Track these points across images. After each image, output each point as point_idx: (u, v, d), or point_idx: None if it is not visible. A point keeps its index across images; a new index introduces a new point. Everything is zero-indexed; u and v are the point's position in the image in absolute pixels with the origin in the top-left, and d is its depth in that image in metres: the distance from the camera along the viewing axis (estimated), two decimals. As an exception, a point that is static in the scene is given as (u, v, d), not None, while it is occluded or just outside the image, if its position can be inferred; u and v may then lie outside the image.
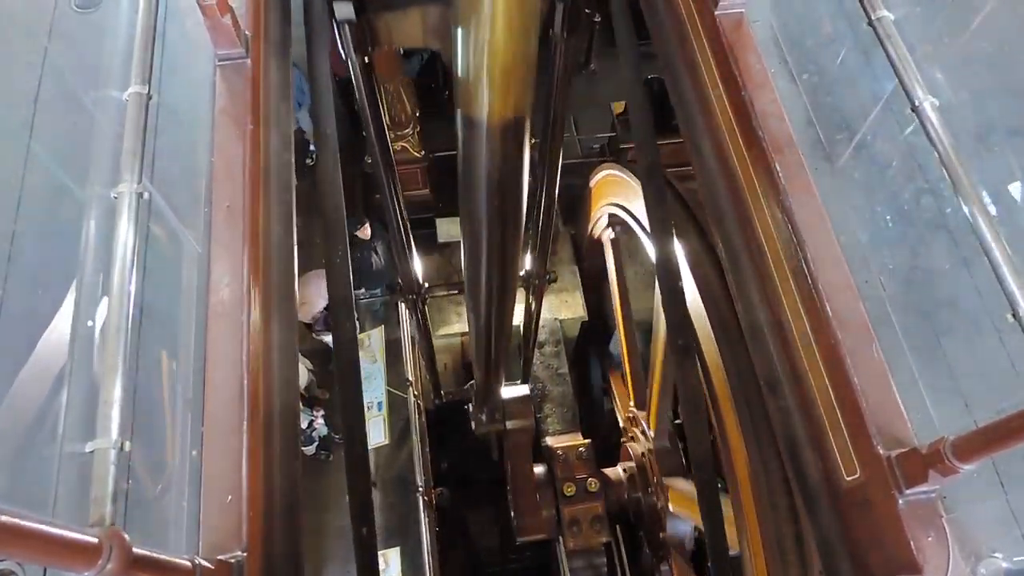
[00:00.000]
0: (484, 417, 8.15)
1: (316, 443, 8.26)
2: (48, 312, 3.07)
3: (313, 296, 8.29)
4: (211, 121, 3.46)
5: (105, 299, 2.65)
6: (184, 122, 3.51)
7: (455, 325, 10.46)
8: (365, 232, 8.83)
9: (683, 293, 3.98)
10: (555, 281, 7.83)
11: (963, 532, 2.76)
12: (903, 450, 2.77)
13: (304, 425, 7.98)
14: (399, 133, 9.77)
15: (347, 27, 4.14)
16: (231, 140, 3.41)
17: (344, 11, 3.96)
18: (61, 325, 2.96)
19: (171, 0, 3.60)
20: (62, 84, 3.62)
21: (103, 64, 3.58)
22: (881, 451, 2.84)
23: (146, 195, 2.73)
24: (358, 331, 9.87)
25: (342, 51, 4.36)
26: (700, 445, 3.88)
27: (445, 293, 9.40)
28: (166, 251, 3.29)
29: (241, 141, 3.41)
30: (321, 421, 8.23)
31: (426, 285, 7.47)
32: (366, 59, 4.57)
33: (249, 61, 3.58)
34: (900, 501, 2.76)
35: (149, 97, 2.84)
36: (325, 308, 8.57)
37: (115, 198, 2.66)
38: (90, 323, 2.95)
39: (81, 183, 3.32)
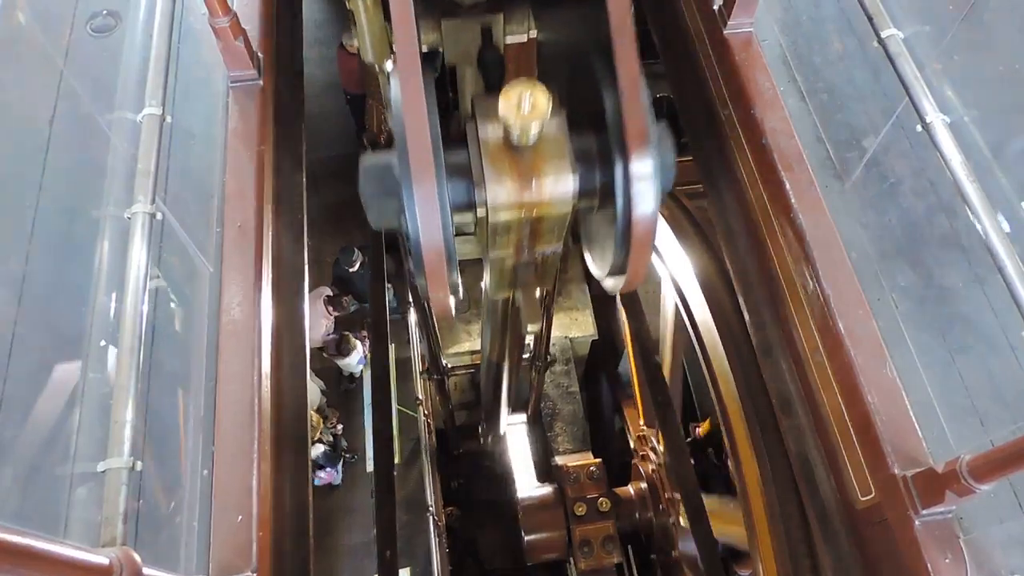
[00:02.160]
0: (491, 438, 8.17)
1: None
2: (61, 332, 3.09)
3: (312, 319, 8.34)
4: (223, 142, 3.49)
5: (117, 319, 2.67)
6: (197, 143, 3.54)
7: (465, 344, 10.46)
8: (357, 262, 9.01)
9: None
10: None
11: (981, 554, 2.72)
12: (918, 470, 2.74)
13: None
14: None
15: None
16: (243, 161, 3.44)
17: None
18: (74, 345, 2.98)
19: (185, 23, 3.64)
20: (77, 106, 3.67)
21: (118, 86, 3.63)
22: (896, 471, 2.81)
23: (159, 216, 2.76)
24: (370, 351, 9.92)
25: None
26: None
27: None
28: (178, 271, 3.31)
29: (253, 162, 3.44)
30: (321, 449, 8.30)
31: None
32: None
33: (262, 83, 3.62)
34: (916, 522, 2.73)
35: (163, 119, 2.88)
36: (331, 332, 8.62)
37: (128, 219, 2.68)
38: (103, 343, 2.96)
39: (95, 204, 3.36)
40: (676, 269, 5.79)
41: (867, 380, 2.98)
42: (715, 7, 3.82)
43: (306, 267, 3.79)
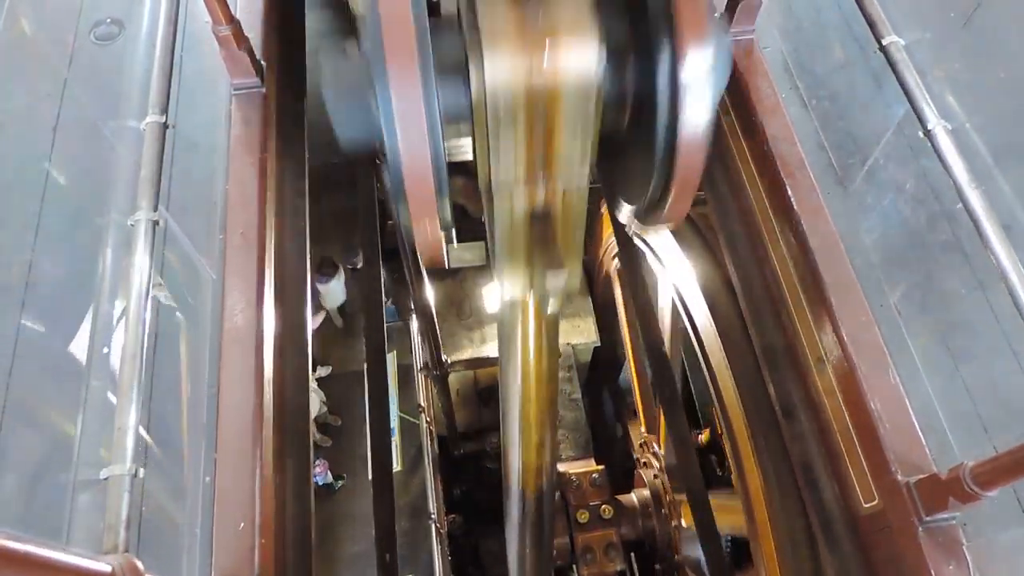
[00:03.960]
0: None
1: None
2: (65, 338, 3.09)
3: None
4: (226, 149, 3.50)
5: (120, 325, 2.67)
6: (200, 150, 3.55)
7: (467, 351, 10.45)
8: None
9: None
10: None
11: (985, 560, 2.71)
12: (922, 476, 2.73)
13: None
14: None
15: None
16: (246, 168, 3.45)
17: None
18: (77, 351, 2.98)
19: (188, 31, 3.66)
20: (81, 114, 3.68)
21: (121, 94, 3.65)
22: (899, 477, 2.80)
23: (162, 223, 2.76)
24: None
25: None
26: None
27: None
28: (181, 278, 3.31)
29: (255, 169, 3.45)
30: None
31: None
32: None
33: (264, 90, 3.63)
34: (920, 528, 2.72)
35: (166, 126, 2.88)
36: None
37: (131, 226, 2.69)
38: (105, 350, 2.97)
39: (98, 211, 3.36)
40: (678, 275, 5.79)
41: (870, 386, 2.97)
42: (716, 15, 3.84)
43: (308, 273, 3.80)
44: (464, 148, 1.46)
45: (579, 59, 1.31)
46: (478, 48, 1.31)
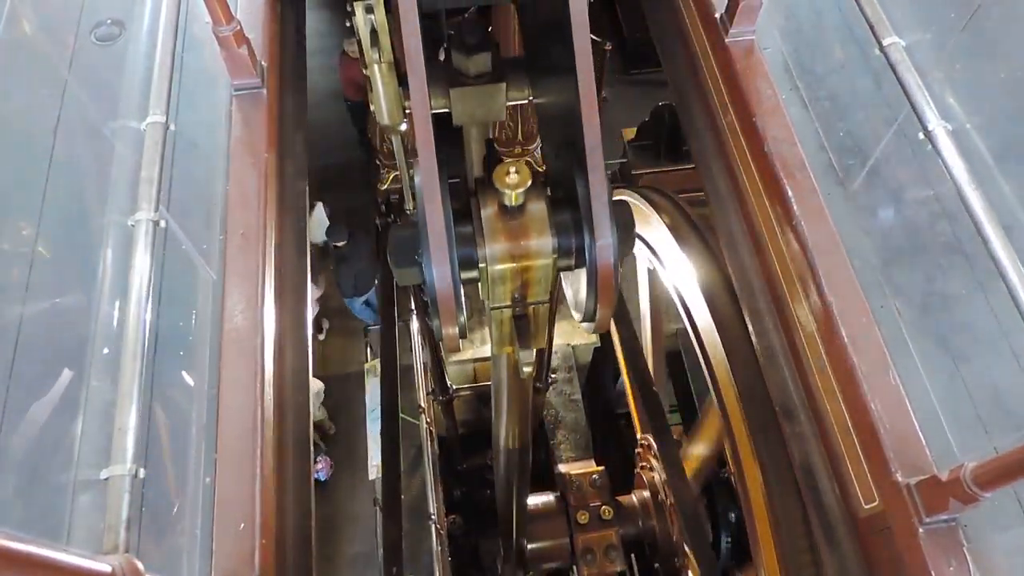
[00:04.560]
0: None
1: None
2: (65, 338, 3.09)
3: None
4: (227, 150, 3.50)
5: (121, 327, 2.67)
6: (200, 151, 3.56)
7: (467, 351, 10.45)
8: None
9: None
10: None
11: (986, 562, 2.71)
12: (922, 477, 2.73)
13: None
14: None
15: None
16: (246, 169, 3.45)
17: None
18: (77, 351, 2.98)
19: (189, 31, 3.66)
20: (81, 115, 3.69)
21: (122, 95, 3.65)
22: (899, 478, 2.80)
23: (162, 223, 2.76)
24: (370, 359, 9.95)
25: None
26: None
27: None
28: (181, 278, 3.31)
29: (256, 170, 3.45)
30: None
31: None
32: None
33: (265, 91, 3.63)
34: (920, 530, 2.72)
35: (167, 127, 2.89)
36: None
37: (132, 226, 2.69)
38: (106, 350, 2.97)
39: (99, 212, 3.37)
40: (678, 276, 5.79)
41: (870, 387, 2.98)
42: (716, 15, 3.84)
43: (309, 275, 3.80)
44: (472, 276, 2.27)
45: (541, 248, 2.20)
46: (483, 244, 2.20)
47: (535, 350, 2.47)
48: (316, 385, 8.51)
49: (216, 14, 3.27)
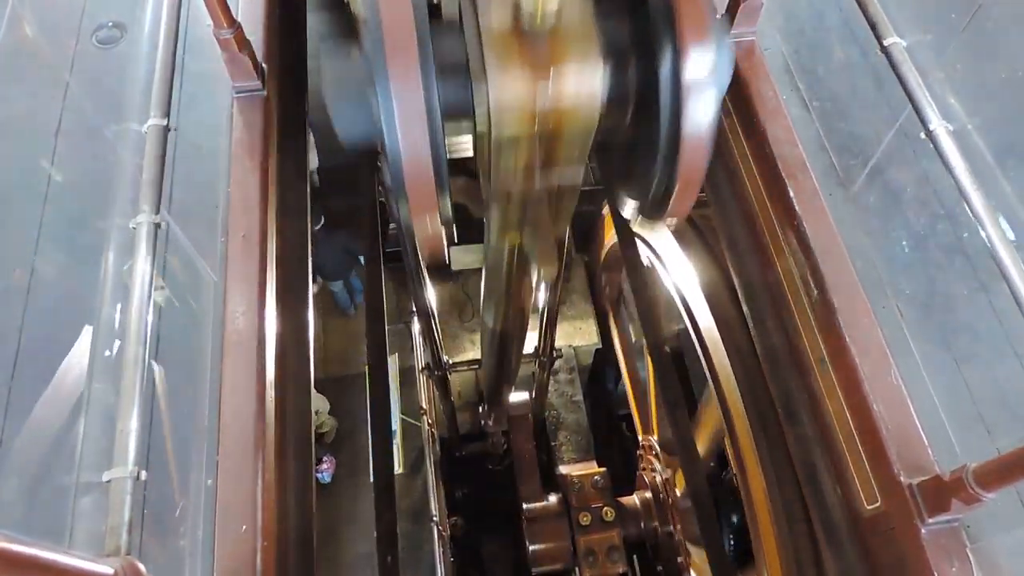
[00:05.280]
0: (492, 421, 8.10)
1: None
2: (67, 341, 3.09)
3: None
4: (228, 152, 3.50)
5: (122, 329, 2.67)
6: (201, 153, 3.56)
7: (469, 353, 10.44)
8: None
9: None
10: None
11: (989, 562, 2.70)
12: (924, 478, 2.73)
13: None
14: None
15: None
16: (247, 171, 3.45)
17: None
18: (79, 354, 2.98)
19: (190, 34, 3.66)
20: (83, 117, 3.69)
21: (123, 97, 3.65)
22: (902, 479, 2.80)
23: (164, 225, 2.76)
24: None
25: None
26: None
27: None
28: (183, 281, 3.31)
29: (257, 172, 3.45)
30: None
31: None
32: None
33: (266, 93, 3.63)
34: (923, 530, 2.72)
35: (168, 129, 2.89)
36: None
37: (133, 229, 2.69)
38: (108, 353, 2.97)
39: (100, 214, 3.37)
40: (680, 278, 5.78)
41: (873, 388, 2.97)
42: (717, 16, 3.84)
43: (310, 277, 3.80)
44: (465, 144, 1.42)
45: (584, 87, 1.30)
46: (483, 75, 1.28)
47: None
48: (321, 404, 8.46)
49: (217, 17, 3.27)
